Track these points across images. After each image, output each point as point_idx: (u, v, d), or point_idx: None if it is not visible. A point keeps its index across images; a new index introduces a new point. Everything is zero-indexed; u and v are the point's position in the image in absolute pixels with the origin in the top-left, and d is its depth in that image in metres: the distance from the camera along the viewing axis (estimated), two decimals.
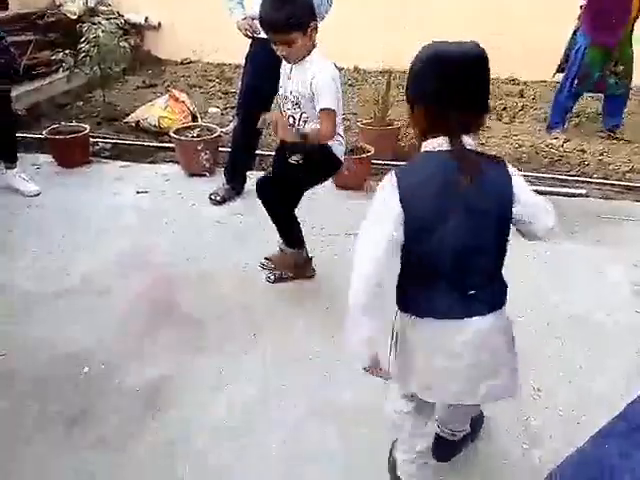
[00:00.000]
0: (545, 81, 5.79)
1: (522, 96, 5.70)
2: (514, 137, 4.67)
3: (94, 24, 4.86)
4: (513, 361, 1.49)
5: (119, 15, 6.27)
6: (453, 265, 1.36)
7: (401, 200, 1.31)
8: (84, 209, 3.45)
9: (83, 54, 4.63)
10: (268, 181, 2.64)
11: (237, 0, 3.20)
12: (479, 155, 1.37)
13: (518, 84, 6.04)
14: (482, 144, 4.41)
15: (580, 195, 3.77)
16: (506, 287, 1.46)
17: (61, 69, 4.86)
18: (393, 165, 4.07)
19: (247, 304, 2.62)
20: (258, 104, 3.06)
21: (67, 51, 4.71)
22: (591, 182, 3.94)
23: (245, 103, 3.41)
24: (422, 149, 1.37)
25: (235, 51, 4.01)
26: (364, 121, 4.30)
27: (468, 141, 1.34)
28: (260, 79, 3.10)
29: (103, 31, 4.76)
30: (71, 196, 3.60)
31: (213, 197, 3.58)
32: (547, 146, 4.50)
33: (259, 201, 2.62)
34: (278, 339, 2.43)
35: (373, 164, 3.90)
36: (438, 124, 1.33)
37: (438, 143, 1.33)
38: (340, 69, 6.71)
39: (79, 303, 2.62)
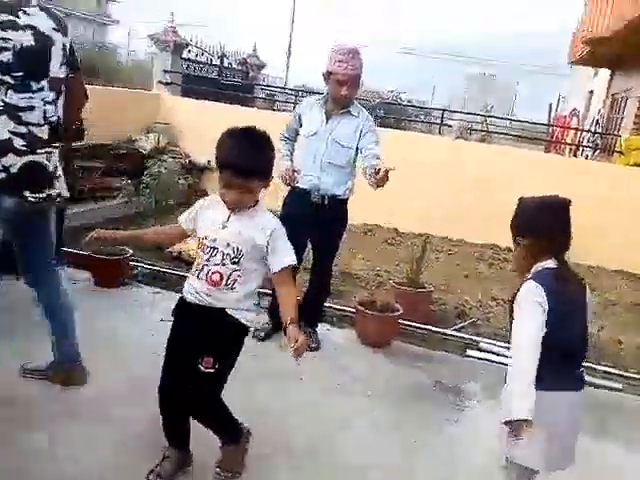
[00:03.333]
0: None
1: None
2: None
3: (160, 160, 5.31)
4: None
5: (185, 156, 6.84)
6: (579, 349, 1.89)
7: (548, 302, 1.78)
8: (108, 329, 3.45)
9: (143, 185, 4.99)
10: (178, 392, 2.19)
11: (288, 154, 3.56)
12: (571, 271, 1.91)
13: None
14: None
15: (614, 389, 3.54)
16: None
17: (121, 195, 5.22)
18: (420, 328, 3.98)
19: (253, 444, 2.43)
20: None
21: (129, 180, 5.10)
22: (627, 377, 3.71)
23: None
24: (534, 269, 1.88)
25: (277, 194, 4.25)
26: (397, 280, 4.33)
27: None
28: (295, 229, 2.70)
29: (166, 168, 5.17)
30: (99, 315, 3.63)
31: (256, 334, 3.53)
32: None
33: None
34: None
35: (400, 324, 3.84)
36: (549, 249, 1.87)
37: (547, 263, 1.86)
38: (380, 227, 6.88)
39: (82, 425, 2.53)
